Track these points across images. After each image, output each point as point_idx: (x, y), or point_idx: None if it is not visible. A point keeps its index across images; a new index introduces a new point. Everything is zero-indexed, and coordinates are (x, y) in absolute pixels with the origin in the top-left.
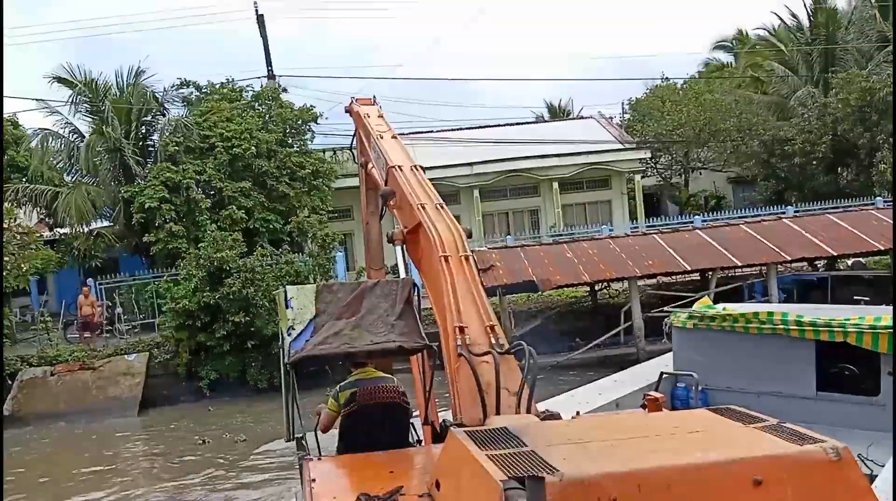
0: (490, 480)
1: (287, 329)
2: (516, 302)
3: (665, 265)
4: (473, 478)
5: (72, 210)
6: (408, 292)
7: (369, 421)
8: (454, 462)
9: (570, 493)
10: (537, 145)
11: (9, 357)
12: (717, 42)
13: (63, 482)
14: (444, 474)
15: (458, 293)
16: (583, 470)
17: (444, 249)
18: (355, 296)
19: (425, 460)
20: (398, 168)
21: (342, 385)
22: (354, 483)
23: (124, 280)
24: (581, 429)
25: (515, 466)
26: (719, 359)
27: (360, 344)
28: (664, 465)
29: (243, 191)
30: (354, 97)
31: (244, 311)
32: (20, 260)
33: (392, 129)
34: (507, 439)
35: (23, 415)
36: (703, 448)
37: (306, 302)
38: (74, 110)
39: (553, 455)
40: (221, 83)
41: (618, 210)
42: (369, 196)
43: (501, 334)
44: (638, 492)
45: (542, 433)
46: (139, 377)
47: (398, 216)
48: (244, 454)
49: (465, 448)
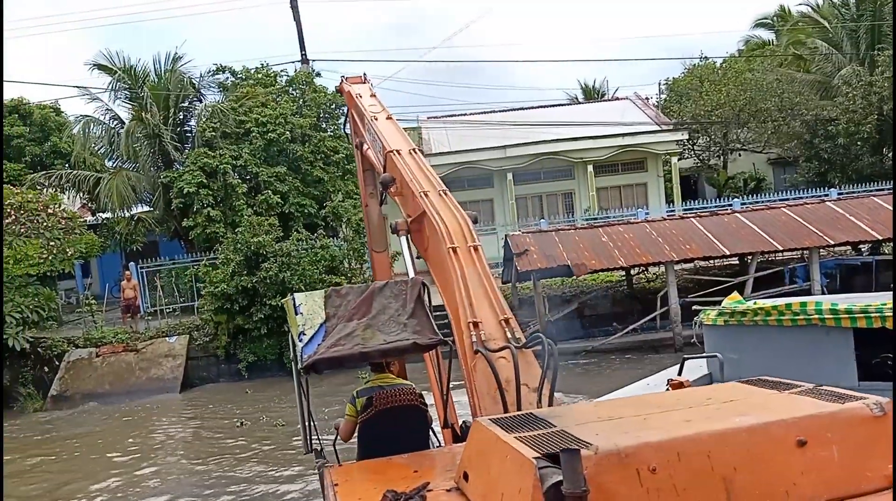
0: (522, 459)
1: (298, 335)
2: (550, 287)
3: (703, 250)
4: (504, 461)
5: (113, 195)
6: (417, 291)
7: (387, 425)
8: (482, 450)
9: (606, 466)
10: (571, 128)
11: (55, 339)
12: (758, 19)
13: (105, 460)
14: (472, 464)
15: (470, 286)
16: (619, 442)
17: (451, 240)
18: (365, 298)
19: (449, 459)
20: (396, 153)
21: (359, 391)
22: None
23: (164, 264)
24: (610, 408)
25: (547, 445)
26: (754, 355)
27: (373, 344)
28: (703, 431)
29: (278, 176)
30: (345, 76)
31: (281, 295)
32: (65, 244)
33: (386, 109)
34: (534, 422)
35: (70, 395)
36: (741, 413)
37: (315, 307)
38: (114, 97)
39: (585, 431)
40: (256, 68)
41: (654, 193)
42: (367, 177)
43: (517, 327)
44: (678, 461)
45: (571, 414)
46: (180, 358)
47: (400, 204)
48: (283, 441)
49: (493, 433)
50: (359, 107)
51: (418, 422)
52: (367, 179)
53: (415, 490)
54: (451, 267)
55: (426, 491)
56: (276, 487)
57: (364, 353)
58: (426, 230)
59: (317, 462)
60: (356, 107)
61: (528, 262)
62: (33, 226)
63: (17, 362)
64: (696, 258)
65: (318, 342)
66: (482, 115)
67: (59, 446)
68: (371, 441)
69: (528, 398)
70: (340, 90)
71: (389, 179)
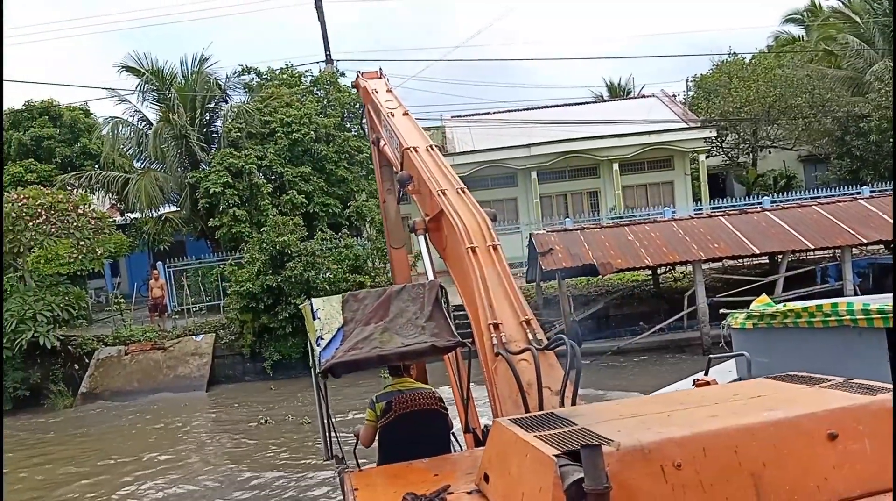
0: (542, 457)
1: (315, 340)
2: (576, 286)
3: (731, 248)
4: (524, 460)
5: (141, 196)
6: (435, 293)
7: (407, 430)
8: (501, 450)
9: (629, 462)
10: (596, 126)
11: (85, 337)
12: (788, 15)
13: (133, 457)
14: (492, 465)
15: (490, 287)
16: (641, 438)
17: (470, 239)
18: (382, 301)
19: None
20: (413, 150)
21: (378, 396)
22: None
23: (191, 264)
24: (632, 405)
25: (567, 442)
26: (785, 358)
27: (391, 347)
28: (730, 426)
29: (303, 176)
30: (360, 71)
31: (305, 294)
32: (95, 244)
33: (403, 104)
34: (554, 421)
35: (99, 392)
36: (768, 408)
37: (333, 312)
38: (142, 98)
39: (606, 429)
40: (281, 69)
41: (681, 191)
42: (384, 173)
43: (538, 328)
44: (704, 456)
45: (592, 413)
46: (206, 357)
47: (417, 201)
48: (309, 439)
49: (512, 433)
50: (375, 103)
51: (439, 427)
52: (384, 174)
53: (435, 492)
54: (470, 268)
55: (446, 494)
56: (302, 485)
57: (382, 356)
58: (444, 229)
59: (337, 467)
60: (372, 102)
61: (553, 261)
62: (64, 226)
63: (48, 359)
64: (724, 257)
65: (335, 347)
66: (506, 113)
67: (87, 443)
68: (391, 446)
69: (550, 401)
70: (356, 86)
71: (407, 177)
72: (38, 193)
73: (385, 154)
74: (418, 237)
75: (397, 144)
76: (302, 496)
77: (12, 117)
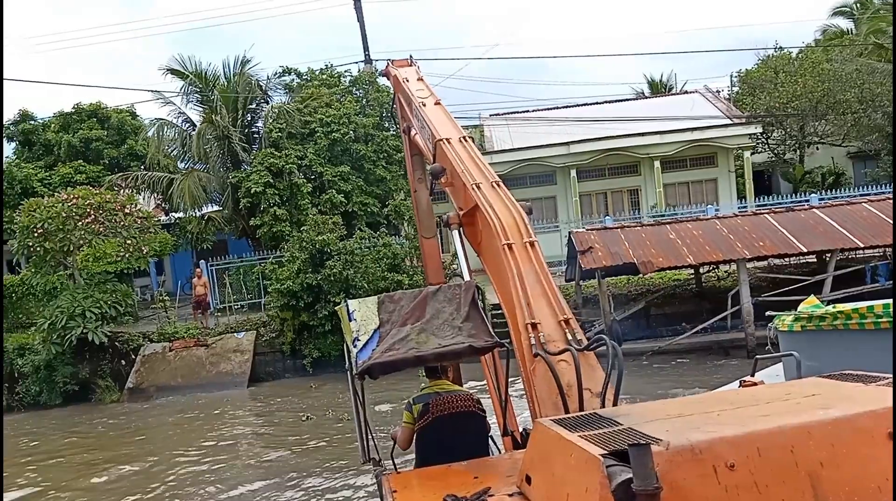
0: (587, 457)
1: (352, 341)
2: (616, 285)
3: (778, 247)
4: (568, 461)
5: (185, 196)
6: (472, 293)
7: (445, 432)
8: (544, 451)
9: (679, 462)
10: (637, 123)
11: (132, 333)
12: (837, 8)
13: (178, 452)
14: (534, 466)
15: (527, 285)
16: (691, 437)
17: (506, 235)
18: (418, 302)
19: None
20: (446, 141)
21: (415, 398)
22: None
23: (233, 262)
24: (679, 405)
25: (613, 442)
26: (834, 361)
27: (428, 348)
28: (785, 425)
29: (342, 175)
30: (391, 60)
31: (344, 292)
32: (141, 243)
33: (434, 93)
34: (598, 421)
35: (144, 387)
36: (825, 406)
37: (369, 314)
38: (186, 100)
39: (653, 428)
40: (321, 69)
41: (725, 189)
42: (415, 162)
43: (577, 328)
44: (758, 456)
45: (637, 413)
46: (248, 354)
47: (450, 194)
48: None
49: (555, 433)
50: (406, 91)
51: (476, 429)
52: (415, 164)
53: (475, 494)
54: (506, 265)
55: (487, 496)
56: (344, 482)
57: (419, 357)
58: (479, 224)
59: (374, 470)
60: (403, 91)
61: (593, 259)
62: (111, 225)
63: (97, 355)
64: (769, 256)
65: (372, 348)
66: (545, 111)
67: (134, 436)
68: (429, 448)
69: (590, 403)
70: (386, 74)
71: (440, 169)
72: (87, 193)
73: (416, 144)
74: (452, 232)
75: (429, 134)
76: (342, 493)
77: (62, 120)
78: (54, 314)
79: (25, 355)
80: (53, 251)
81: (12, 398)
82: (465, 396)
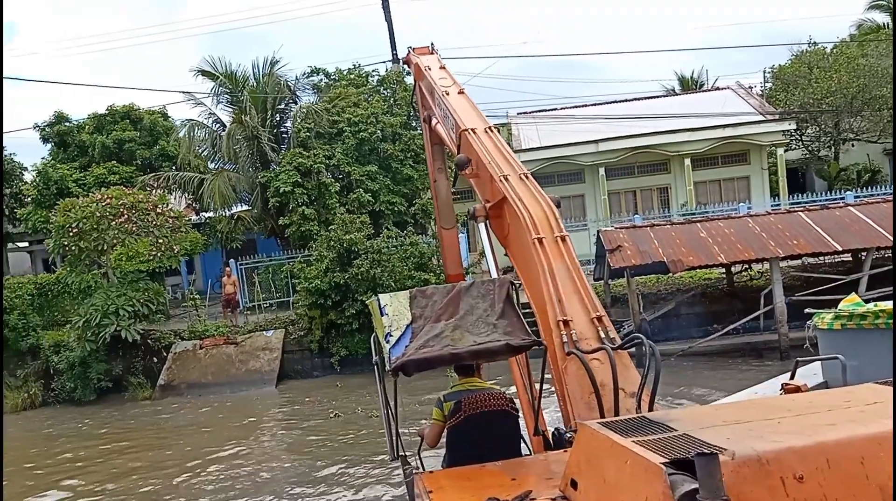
0: (647, 465)
1: (384, 337)
2: (645, 284)
3: (812, 245)
4: (623, 468)
5: (216, 196)
6: (506, 290)
7: (477, 432)
8: (592, 455)
9: (746, 473)
10: (667, 120)
11: (163, 331)
12: (873, 2)
13: (210, 448)
14: (581, 471)
15: (559, 281)
16: (756, 447)
17: (536, 230)
18: (451, 298)
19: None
20: (472, 132)
21: (446, 395)
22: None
23: (262, 261)
24: (733, 411)
25: (672, 450)
26: (876, 361)
27: (464, 345)
28: (854, 435)
29: (370, 174)
30: (411, 47)
31: (372, 291)
32: (172, 242)
33: (458, 83)
34: (649, 426)
35: (176, 384)
36: (890, 415)
37: (401, 308)
38: (216, 101)
39: (711, 436)
40: (348, 69)
41: (757, 187)
42: (435, 152)
43: (610, 325)
44: (827, 468)
45: (690, 417)
46: (276, 352)
47: (475, 186)
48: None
49: (606, 438)
50: (428, 80)
51: (509, 428)
52: (436, 153)
53: (517, 497)
54: (537, 260)
55: (529, 500)
56: (372, 478)
57: (455, 354)
58: (507, 217)
59: (404, 469)
60: (425, 80)
61: (622, 258)
62: (144, 225)
63: (129, 352)
64: (803, 255)
65: (405, 344)
66: (573, 109)
67: (166, 432)
68: (460, 447)
69: (625, 403)
70: (407, 62)
71: (465, 160)
72: (120, 193)
73: (438, 133)
74: (478, 225)
75: (453, 124)
76: (373, 488)
77: (96, 121)
78: (89, 312)
79: (61, 352)
80: (88, 250)
81: (48, 394)
82: (498, 394)
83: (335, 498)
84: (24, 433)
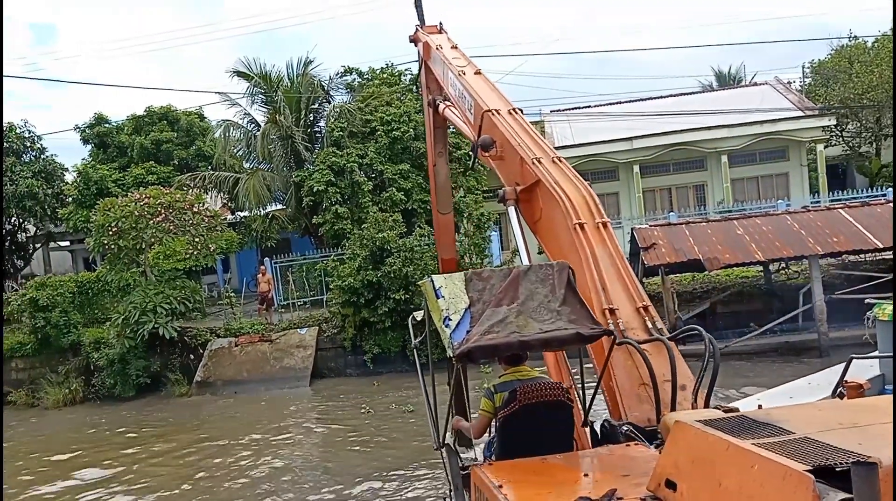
0: (790, 473)
1: (443, 320)
2: (680, 282)
3: (853, 243)
4: (748, 473)
5: (250, 195)
6: (566, 275)
7: (533, 422)
8: (698, 456)
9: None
10: (704, 116)
11: (200, 329)
12: None
13: (244, 443)
14: (681, 472)
15: (602, 268)
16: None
17: (577, 215)
18: (510, 282)
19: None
20: (496, 112)
21: (496, 385)
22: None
23: (296, 260)
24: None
25: (804, 455)
26: None
27: (530, 333)
28: None
29: (402, 173)
30: (419, 25)
31: (404, 289)
32: (208, 241)
33: (473, 62)
34: (757, 426)
35: (212, 381)
36: None
37: (457, 291)
38: (251, 101)
39: (840, 440)
40: (381, 68)
41: (796, 183)
42: (437, 135)
43: (657, 316)
44: None
45: (799, 418)
46: (310, 349)
47: (498, 169)
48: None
49: (720, 439)
50: (440, 58)
51: (565, 420)
52: (437, 137)
53: (605, 496)
54: (578, 246)
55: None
56: (412, 474)
57: (522, 342)
58: (539, 201)
59: (450, 458)
60: (436, 59)
61: (656, 256)
62: (181, 224)
63: (167, 349)
64: (844, 252)
65: (465, 329)
66: (607, 106)
67: (204, 428)
68: (512, 438)
69: (680, 395)
70: (415, 40)
71: (490, 141)
72: (158, 193)
73: (445, 117)
74: (508, 209)
75: (471, 104)
76: (406, 489)
77: (135, 123)
78: (128, 310)
79: (101, 349)
80: (127, 249)
81: (88, 390)
82: (553, 384)
83: None
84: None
